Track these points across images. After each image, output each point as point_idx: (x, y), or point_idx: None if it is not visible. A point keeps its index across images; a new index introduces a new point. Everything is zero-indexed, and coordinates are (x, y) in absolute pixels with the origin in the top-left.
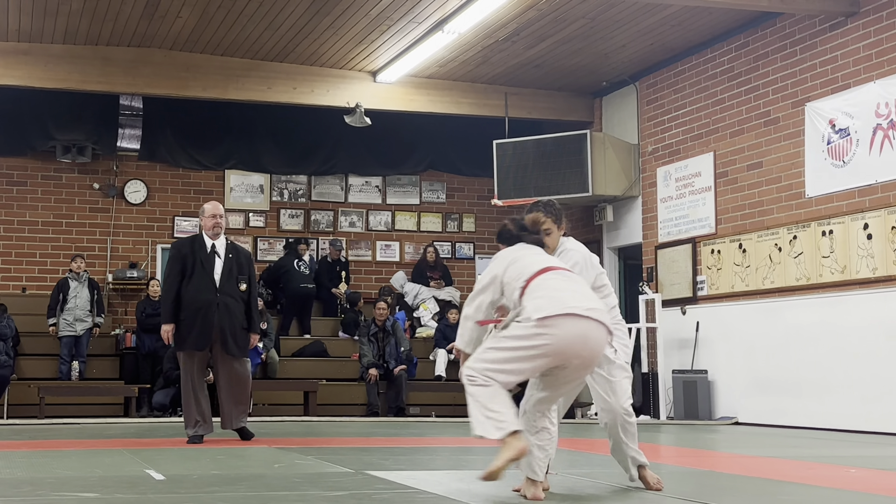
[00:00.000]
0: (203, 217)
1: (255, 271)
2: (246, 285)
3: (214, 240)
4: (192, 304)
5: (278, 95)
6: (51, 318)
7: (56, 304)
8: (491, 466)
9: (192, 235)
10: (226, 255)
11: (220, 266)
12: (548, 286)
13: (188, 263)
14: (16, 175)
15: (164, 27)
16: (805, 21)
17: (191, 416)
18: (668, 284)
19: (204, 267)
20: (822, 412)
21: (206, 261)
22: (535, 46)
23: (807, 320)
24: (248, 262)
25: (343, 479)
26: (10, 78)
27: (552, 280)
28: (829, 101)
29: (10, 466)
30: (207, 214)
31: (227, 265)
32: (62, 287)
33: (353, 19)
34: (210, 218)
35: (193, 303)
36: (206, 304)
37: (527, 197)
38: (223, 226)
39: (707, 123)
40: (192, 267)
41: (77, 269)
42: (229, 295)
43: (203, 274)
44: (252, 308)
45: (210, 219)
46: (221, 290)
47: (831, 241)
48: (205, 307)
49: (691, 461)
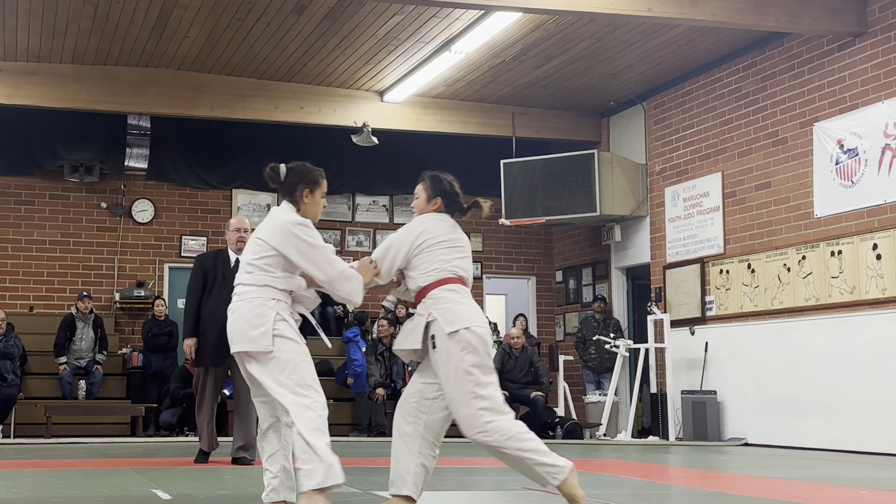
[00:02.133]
0: (228, 231)
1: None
2: None
3: (239, 254)
4: (210, 319)
5: (286, 115)
6: (60, 357)
7: (64, 343)
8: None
9: (218, 249)
10: None
11: None
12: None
13: (209, 277)
14: (24, 194)
15: (171, 47)
16: (813, 41)
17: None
18: (676, 304)
19: (226, 281)
20: (831, 433)
21: (227, 275)
22: (543, 66)
23: (816, 341)
24: None
25: (350, 499)
26: (18, 98)
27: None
28: (837, 122)
29: (16, 486)
30: (232, 228)
31: None
32: (69, 326)
33: (361, 39)
34: (234, 232)
35: (211, 317)
36: (224, 319)
37: (534, 216)
38: (247, 240)
39: (715, 143)
40: (213, 280)
41: (84, 309)
42: None
43: (224, 288)
44: None
45: (234, 233)
46: None
47: (840, 261)
48: (222, 322)
49: (700, 482)
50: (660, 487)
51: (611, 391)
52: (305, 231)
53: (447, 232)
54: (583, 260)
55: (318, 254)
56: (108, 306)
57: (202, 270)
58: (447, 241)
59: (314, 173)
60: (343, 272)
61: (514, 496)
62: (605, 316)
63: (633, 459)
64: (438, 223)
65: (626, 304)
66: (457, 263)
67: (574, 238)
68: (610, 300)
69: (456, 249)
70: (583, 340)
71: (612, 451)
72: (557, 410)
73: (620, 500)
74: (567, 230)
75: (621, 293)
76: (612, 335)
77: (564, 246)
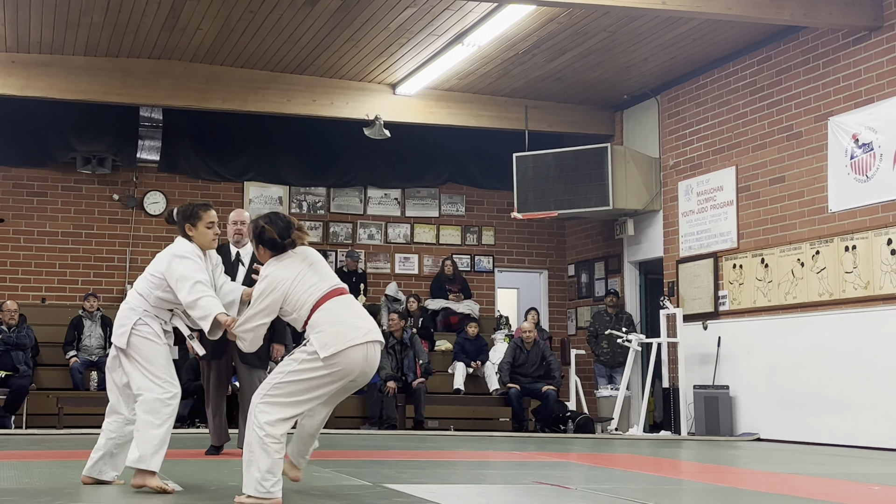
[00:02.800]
0: (227, 225)
1: None
2: None
3: (239, 248)
4: None
5: (298, 108)
6: (70, 352)
7: (72, 342)
8: None
9: (220, 244)
10: (250, 263)
11: (243, 274)
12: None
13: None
14: (36, 186)
15: (184, 39)
16: (828, 35)
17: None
18: (689, 299)
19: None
20: (844, 429)
21: (228, 269)
22: (556, 59)
23: (829, 336)
24: None
25: (361, 491)
26: (31, 90)
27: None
28: (852, 116)
29: (28, 476)
30: (230, 222)
31: (249, 274)
32: (76, 325)
33: (373, 32)
34: (231, 225)
35: None
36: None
37: (547, 210)
38: (245, 233)
39: (729, 137)
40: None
41: (90, 307)
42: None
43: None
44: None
45: (231, 226)
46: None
47: (854, 256)
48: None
49: (713, 477)
50: (672, 482)
51: (623, 385)
52: (178, 262)
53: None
54: (595, 254)
55: (181, 283)
56: (120, 298)
57: None
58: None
59: (193, 209)
60: (195, 301)
61: (525, 489)
62: (618, 310)
63: (644, 454)
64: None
65: (639, 298)
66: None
67: (587, 232)
68: (622, 294)
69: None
70: (595, 335)
71: (624, 446)
72: (569, 404)
73: (632, 494)
74: (580, 224)
75: (634, 287)
76: (624, 329)
77: (577, 240)
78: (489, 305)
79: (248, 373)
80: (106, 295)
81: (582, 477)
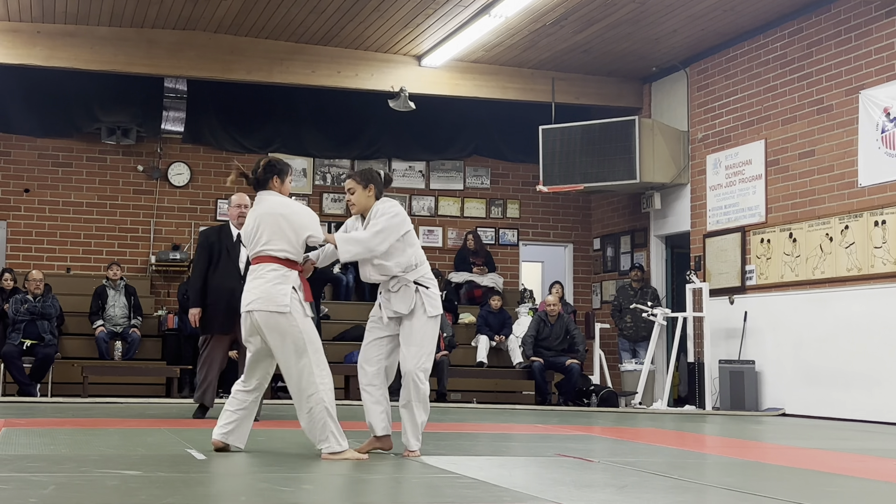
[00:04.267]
0: (230, 207)
1: None
2: None
3: (240, 229)
4: (217, 291)
5: (322, 79)
6: (96, 322)
7: (97, 311)
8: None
9: (221, 225)
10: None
11: (245, 254)
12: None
13: (214, 251)
14: (61, 156)
15: (209, 10)
16: (860, 7)
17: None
18: (716, 273)
19: (230, 255)
20: (871, 404)
21: (231, 249)
22: (584, 31)
23: (857, 311)
24: None
25: (384, 462)
26: (56, 60)
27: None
28: (883, 89)
29: (54, 443)
30: (233, 205)
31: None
32: (100, 295)
33: (399, 3)
34: (235, 208)
35: (218, 289)
36: (230, 290)
37: (573, 183)
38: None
39: (758, 111)
40: (219, 255)
41: (114, 276)
42: None
43: (228, 262)
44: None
45: (235, 209)
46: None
47: (884, 231)
48: (229, 293)
49: (737, 452)
50: (696, 456)
51: (647, 360)
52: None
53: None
54: (621, 228)
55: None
56: (144, 269)
57: (208, 245)
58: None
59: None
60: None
61: (548, 462)
62: (643, 284)
63: (668, 428)
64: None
65: (665, 272)
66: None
67: (613, 205)
68: (648, 269)
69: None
70: (619, 309)
71: (648, 420)
72: (593, 378)
73: (656, 468)
74: (606, 197)
75: (660, 262)
76: (649, 304)
77: (603, 213)
78: (513, 279)
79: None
80: (130, 266)
81: (605, 450)
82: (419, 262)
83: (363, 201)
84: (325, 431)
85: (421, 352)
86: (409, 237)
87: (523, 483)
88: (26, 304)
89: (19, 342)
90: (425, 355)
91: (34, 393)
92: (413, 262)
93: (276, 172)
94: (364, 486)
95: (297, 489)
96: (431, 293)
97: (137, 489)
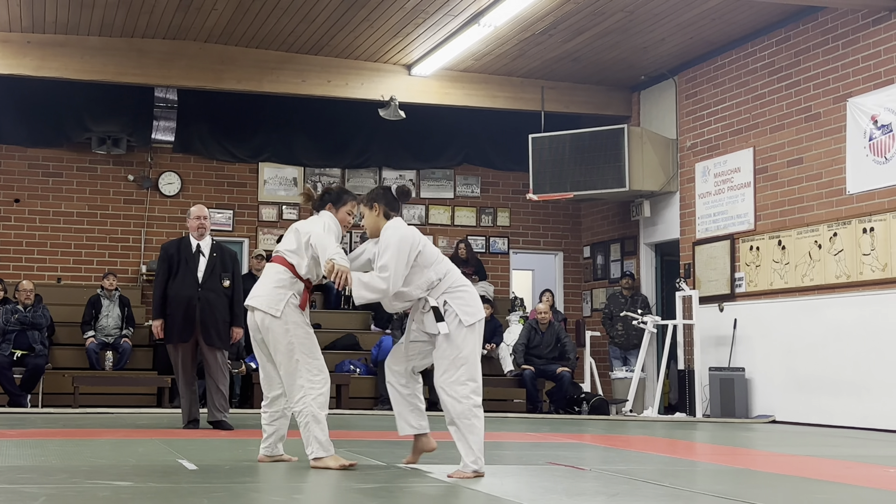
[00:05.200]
0: (189, 219)
1: (240, 269)
2: (229, 282)
3: (200, 240)
4: (176, 300)
5: (313, 88)
6: (87, 332)
7: (90, 321)
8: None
9: (180, 237)
10: (210, 254)
11: (204, 264)
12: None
13: (174, 262)
14: (52, 166)
15: (199, 19)
16: (847, 15)
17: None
18: (705, 281)
19: (188, 265)
20: (860, 411)
21: (190, 259)
22: (573, 40)
23: (846, 318)
24: (232, 260)
25: (375, 471)
26: (46, 70)
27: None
28: (871, 97)
29: (44, 454)
30: (192, 216)
31: (210, 263)
32: (94, 304)
33: (389, 12)
34: (195, 219)
35: (177, 298)
36: (188, 299)
37: (563, 192)
38: (207, 227)
39: (747, 119)
40: (178, 265)
41: (109, 286)
42: (211, 290)
43: (187, 271)
44: (236, 303)
45: (195, 220)
46: (203, 286)
47: (872, 238)
48: (186, 302)
49: (727, 459)
50: (686, 464)
51: (637, 367)
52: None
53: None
54: (611, 235)
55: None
56: (135, 279)
57: (167, 257)
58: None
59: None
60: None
61: (539, 470)
62: (633, 292)
63: (659, 436)
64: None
65: (655, 280)
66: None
67: (603, 213)
68: (638, 276)
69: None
70: (610, 316)
71: (639, 428)
72: (584, 386)
73: (647, 476)
74: (595, 205)
75: (650, 269)
76: (639, 311)
77: (593, 221)
78: (504, 287)
79: (211, 353)
80: (121, 275)
81: (596, 458)
82: (442, 275)
83: (373, 223)
84: (309, 437)
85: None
86: (423, 258)
87: (515, 492)
88: (17, 315)
89: (9, 353)
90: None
91: (24, 404)
92: (434, 278)
93: (329, 200)
94: (354, 495)
95: (288, 498)
96: (465, 300)
97: (128, 500)
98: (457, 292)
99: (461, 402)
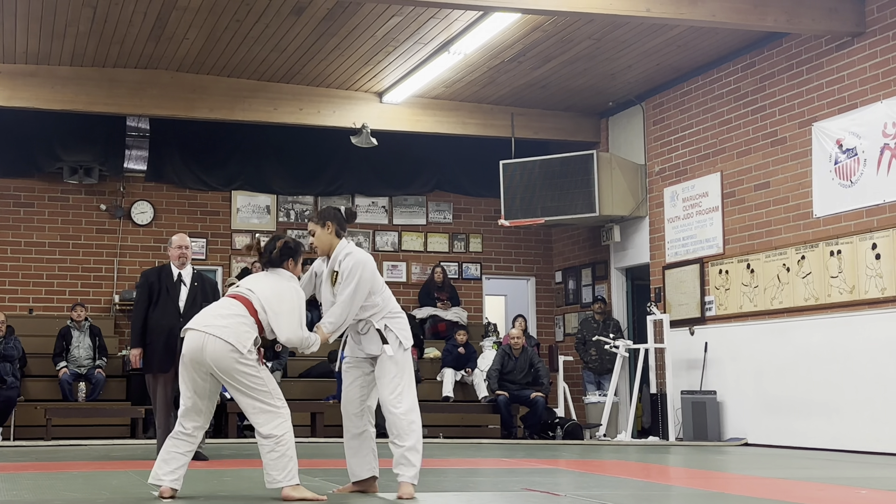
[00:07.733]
0: (170, 248)
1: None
2: None
3: (181, 269)
4: (156, 329)
5: (285, 116)
6: (59, 363)
7: (61, 352)
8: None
9: (161, 265)
10: (191, 283)
11: (185, 293)
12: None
13: (154, 291)
14: (23, 196)
15: (171, 49)
16: (811, 41)
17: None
18: (675, 305)
19: (169, 294)
20: (831, 433)
21: (171, 288)
22: (541, 67)
23: (815, 341)
24: (213, 289)
25: (351, 500)
26: (17, 100)
27: None
28: (836, 121)
29: (16, 489)
30: (174, 245)
31: (191, 293)
32: (65, 336)
33: (360, 40)
34: (176, 248)
35: (158, 327)
36: (170, 328)
37: (534, 217)
38: (189, 256)
39: (714, 143)
40: (158, 294)
41: (78, 317)
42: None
43: (168, 300)
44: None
45: (176, 249)
46: (185, 316)
47: (839, 261)
48: (167, 332)
49: (701, 483)
50: (660, 488)
51: (611, 392)
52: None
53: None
54: (582, 260)
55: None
56: (108, 308)
57: (147, 285)
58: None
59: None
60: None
61: (515, 496)
62: (605, 316)
63: (633, 460)
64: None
65: (626, 304)
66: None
67: (573, 239)
68: (609, 301)
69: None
70: (583, 341)
71: (612, 452)
72: (557, 411)
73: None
74: (566, 231)
75: (621, 293)
76: (611, 336)
77: (564, 246)
78: (477, 312)
79: None
80: (94, 305)
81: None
82: (385, 299)
83: (325, 240)
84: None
85: (397, 384)
86: (376, 284)
87: None
88: None
89: None
90: (400, 387)
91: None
92: (380, 303)
93: (291, 255)
94: None
95: None
96: (402, 325)
97: None
98: (396, 318)
99: (403, 418)
